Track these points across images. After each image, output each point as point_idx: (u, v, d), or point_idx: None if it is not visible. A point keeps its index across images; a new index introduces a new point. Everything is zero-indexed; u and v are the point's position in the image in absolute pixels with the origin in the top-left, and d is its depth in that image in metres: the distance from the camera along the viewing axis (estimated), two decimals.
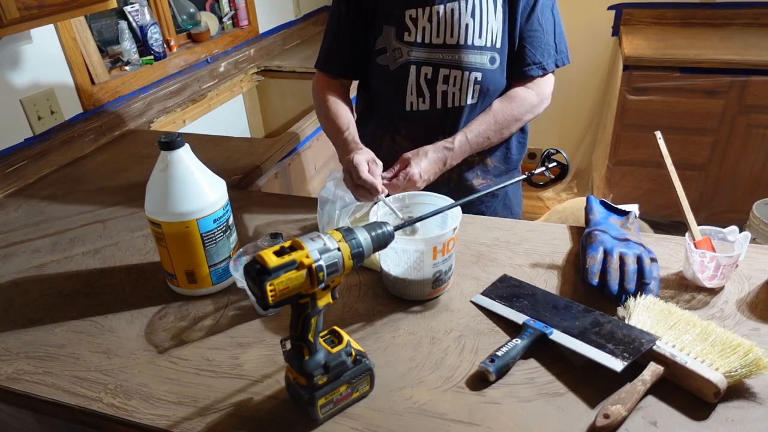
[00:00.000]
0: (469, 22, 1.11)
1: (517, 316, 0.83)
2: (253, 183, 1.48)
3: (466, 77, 1.13)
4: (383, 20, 1.16)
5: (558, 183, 1.01)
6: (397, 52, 1.16)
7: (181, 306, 0.93)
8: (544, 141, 3.26)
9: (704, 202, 2.61)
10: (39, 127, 1.51)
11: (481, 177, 1.25)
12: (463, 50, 1.12)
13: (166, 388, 0.76)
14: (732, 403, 0.68)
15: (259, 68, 2.47)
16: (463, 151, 1.09)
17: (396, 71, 1.17)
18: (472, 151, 1.12)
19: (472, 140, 1.10)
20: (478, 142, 1.11)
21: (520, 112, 1.14)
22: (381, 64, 1.18)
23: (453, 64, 1.13)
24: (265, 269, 0.59)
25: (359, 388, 0.71)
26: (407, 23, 1.13)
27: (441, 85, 1.15)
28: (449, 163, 1.08)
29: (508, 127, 1.14)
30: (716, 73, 2.31)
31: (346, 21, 1.20)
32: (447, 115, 1.17)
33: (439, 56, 1.13)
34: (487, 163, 1.24)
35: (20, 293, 0.99)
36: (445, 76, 1.14)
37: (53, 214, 1.28)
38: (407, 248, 0.84)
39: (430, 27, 1.12)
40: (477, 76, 1.13)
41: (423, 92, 1.16)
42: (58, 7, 1.21)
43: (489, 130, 1.11)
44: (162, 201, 0.86)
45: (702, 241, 0.88)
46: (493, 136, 1.13)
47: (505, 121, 1.13)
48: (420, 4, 1.12)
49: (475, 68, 1.13)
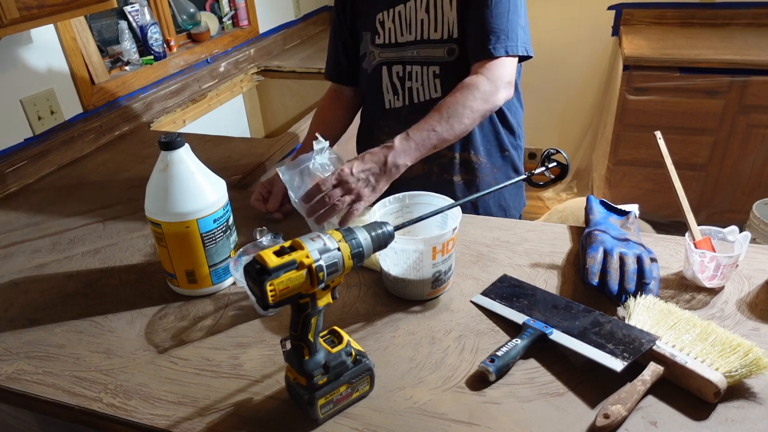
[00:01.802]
0: (424, 18, 1.14)
1: (517, 316, 0.83)
2: (253, 183, 1.48)
3: (425, 71, 1.17)
4: (362, 27, 1.23)
5: (558, 183, 1.01)
6: (371, 55, 1.23)
7: (181, 306, 0.93)
8: (544, 141, 3.27)
9: (704, 202, 2.61)
10: (39, 127, 1.51)
11: (464, 172, 1.26)
12: (420, 45, 1.16)
13: (166, 388, 0.76)
14: (732, 403, 0.68)
15: (259, 68, 2.47)
16: (406, 147, 1.01)
17: (372, 73, 1.23)
18: (421, 146, 1.03)
19: (415, 135, 1.02)
20: (423, 136, 1.02)
21: (466, 98, 1.05)
22: (364, 68, 1.25)
23: (414, 61, 1.17)
24: (265, 269, 0.59)
25: (359, 388, 0.71)
26: (377, 27, 1.20)
27: (407, 81, 1.20)
28: (392, 161, 0.99)
29: (456, 116, 1.04)
30: (716, 73, 2.31)
31: (339, 29, 1.28)
32: (417, 111, 1.17)
33: (405, 54, 1.18)
34: (469, 159, 1.25)
35: (20, 293, 0.99)
36: (410, 72, 1.19)
37: (53, 214, 1.28)
38: (407, 248, 0.84)
39: (394, 27, 1.18)
40: (435, 69, 1.16)
41: (397, 90, 1.21)
42: (58, 7, 1.21)
43: (433, 122, 1.03)
44: (162, 201, 0.86)
45: (702, 241, 0.88)
46: (440, 127, 1.03)
47: (449, 110, 1.04)
48: (386, 6, 1.17)
49: (432, 62, 1.15)
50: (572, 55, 2.99)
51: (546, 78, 3.08)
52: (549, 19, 2.91)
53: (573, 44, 2.96)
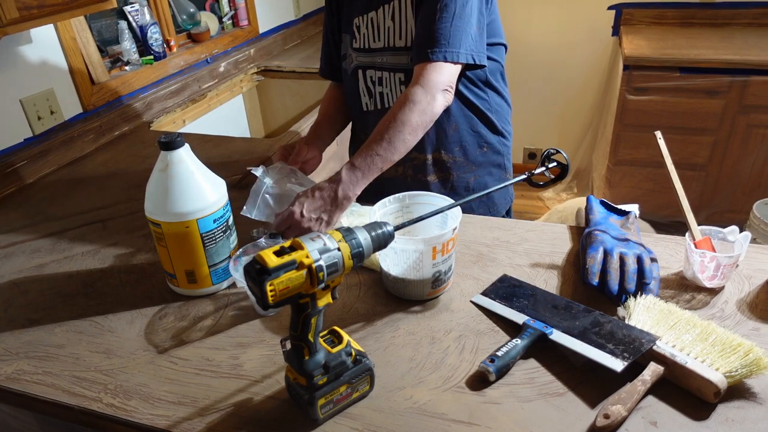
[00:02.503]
0: (390, 25, 1.15)
1: (517, 316, 0.83)
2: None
3: (392, 77, 1.18)
4: (344, 28, 1.25)
5: (558, 183, 1.01)
6: (349, 57, 1.24)
7: (181, 306, 0.93)
8: (544, 141, 3.27)
9: (704, 202, 2.61)
10: (39, 127, 1.51)
11: (438, 171, 1.26)
12: (387, 53, 1.17)
13: (166, 388, 0.76)
14: (732, 403, 0.68)
15: (259, 68, 2.47)
16: (353, 178, 0.99)
17: (351, 75, 1.25)
18: (367, 173, 1.00)
19: (360, 163, 1.00)
20: (367, 162, 1.00)
21: (404, 115, 1.01)
22: (345, 69, 1.27)
23: (384, 67, 1.19)
24: (265, 269, 0.59)
25: (359, 388, 0.71)
26: (354, 31, 1.21)
27: (377, 86, 1.21)
28: (342, 195, 0.98)
29: (396, 135, 1.01)
30: (716, 73, 2.31)
31: (329, 27, 1.31)
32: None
33: (376, 60, 1.19)
34: (441, 158, 1.24)
35: (20, 293, 0.99)
36: (380, 78, 1.20)
37: (53, 214, 1.28)
38: (407, 248, 0.84)
39: (368, 33, 1.19)
40: (401, 76, 1.17)
41: (372, 94, 1.23)
42: (58, 7, 1.21)
43: (375, 146, 1.01)
44: (162, 201, 0.86)
45: (702, 241, 0.88)
46: (383, 150, 1.01)
47: (389, 131, 1.01)
48: (362, 11, 1.19)
49: (398, 69, 1.17)
50: (572, 55, 2.99)
51: (546, 78, 3.08)
52: (549, 19, 2.91)
53: (573, 44, 2.96)
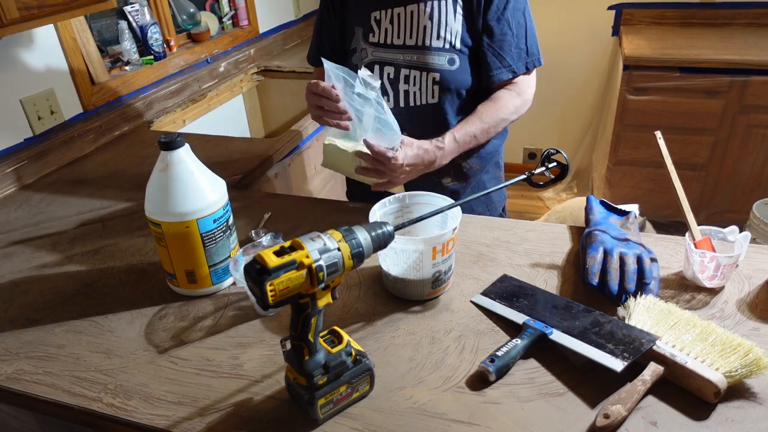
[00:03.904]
0: (427, 24, 1.14)
1: (517, 316, 0.83)
2: (253, 183, 1.48)
3: (425, 77, 1.17)
4: (354, 22, 1.22)
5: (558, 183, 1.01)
6: (363, 52, 1.22)
7: (181, 306, 0.93)
8: (544, 141, 3.27)
9: (704, 202, 2.61)
10: (39, 127, 1.51)
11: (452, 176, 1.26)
12: (421, 51, 1.16)
13: (166, 388, 0.76)
14: (732, 403, 0.68)
15: (259, 68, 2.47)
16: (453, 150, 1.11)
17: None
18: (463, 148, 1.14)
19: (460, 139, 1.12)
20: (465, 140, 1.13)
21: (505, 113, 1.16)
22: (353, 64, 1.24)
23: (412, 65, 1.17)
24: (265, 269, 0.59)
25: (359, 388, 0.71)
26: (372, 24, 1.19)
27: (402, 84, 1.19)
28: (438, 163, 1.10)
29: (495, 127, 1.16)
30: (716, 73, 2.31)
31: (328, 21, 1.28)
32: (410, 114, 1.20)
33: (401, 57, 1.18)
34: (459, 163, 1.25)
35: (20, 293, 0.99)
36: (406, 76, 1.18)
37: (53, 214, 1.28)
38: (407, 248, 0.84)
39: (392, 28, 1.17)
40: (435, 76, 1.16)
41: (387, 91, 1.21)
42: (58, 7, 1.21)
43: (476, 130, 1.13)
44: (162, 201, 0.86)
45: (702, 241, 0.88)
46: (480, 135, 1.14)
47: (491, 122, 1.15)
48: (383, 6, 1.17)
49: (433, 69, 1.16)
50: (572, 55, 2.99)
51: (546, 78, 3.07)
52: (549, 19, 2.91)
53: (573, 44, 2.96)
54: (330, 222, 1.12)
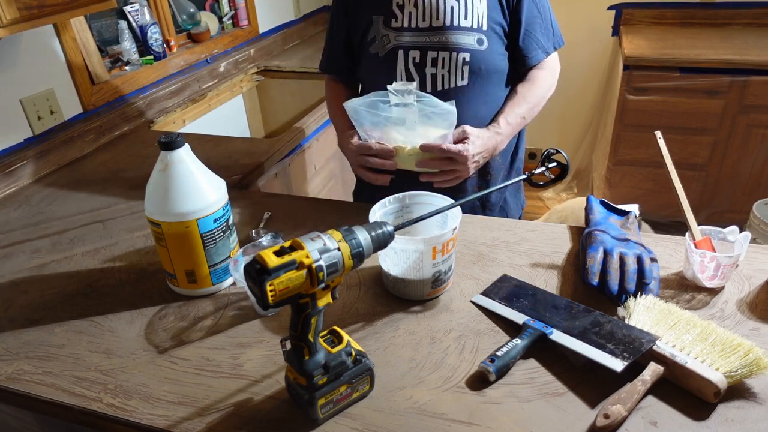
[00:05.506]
0: (454, 5, 1.13)
1: (517, 316, 0.83)
2: (253, 183, 1.48)
3: (455, 58, 1.15)
4: (371, 11, 1.19)
5: (558, 183, 1.01)
6: (385, 38, 1.18)
7: (181, 306, 0.93)
8: (544, 141, 3.27)
9: (704, 202, 2.61)
10: (39, 127, 1.51)
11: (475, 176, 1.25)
12: (449, 32, 1.14)
13: (166, 388, 0.76)
14: (732, 403, 0.68)
15: (259, 68, 2.47)
16: (508, 135, 1.14)
17: (385, 57, 1.19)
18: (515, 130, 1.16)
19: (513, 122, 1.14)
20: (516, 122, 1.15)
21: (544, 92, 1.20)
22: (372, 53, 1.21)
23: (440, 46, 1.15)
24: (265, 269, 0.59)
25: (359, 388, 0.71)
26: (394, 10, 1.17)
27: (430, 68, 1.16)
28: (499, 148, 1.12)
29: (537, 106, 1.19)
30: (716, 73, 2.31)
31: (338, 21, 1.26)
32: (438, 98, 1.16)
33: (426, 39, 1.15)
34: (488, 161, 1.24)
35: (20, 293, 0.99)
36: (434, 58, 1.16)
37: (53, 214, 1.28)
38: (407, 248, 0.84)
39: (416, 12, 1.15)
40: (465, 56, 1.14)
41: (412, 76, 1.18)
42: (58, 7, 1.21)
43: (524, 111, 1.15)
44: (162, 201, 0.86)
45: (702, 241, 0.88)
46: (527, 115, 1.17)
47: (534, 101, 1.18)
48: None
49: (463, 48, 1.14)
50: (572, 55, 2.99)
51: None
52: None
53: (573, 44, 2.95)
54: (330, 222, 1.12)
